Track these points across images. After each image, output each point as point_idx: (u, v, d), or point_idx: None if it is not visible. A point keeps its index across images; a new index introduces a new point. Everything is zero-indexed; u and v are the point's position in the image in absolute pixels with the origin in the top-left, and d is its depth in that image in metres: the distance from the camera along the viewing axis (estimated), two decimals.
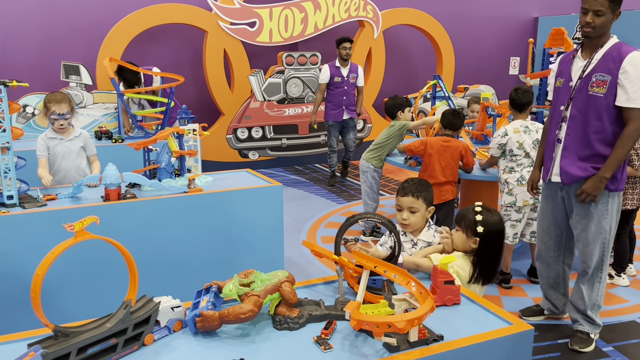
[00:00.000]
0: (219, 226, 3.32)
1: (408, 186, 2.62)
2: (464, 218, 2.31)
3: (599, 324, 3.10)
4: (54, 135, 3.63)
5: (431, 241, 2.60)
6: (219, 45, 7.07)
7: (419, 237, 2.62)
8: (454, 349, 1.65)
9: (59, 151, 3.64)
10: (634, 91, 2.69)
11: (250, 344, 1.70)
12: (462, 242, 2.31)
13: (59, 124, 3.58)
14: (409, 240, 2.63)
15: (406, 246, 2.60)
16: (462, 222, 2.31)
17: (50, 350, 1.45)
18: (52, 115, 3.56)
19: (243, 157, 7.53)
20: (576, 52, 2.94)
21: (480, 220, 2.26)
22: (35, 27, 6.54)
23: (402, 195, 2.59)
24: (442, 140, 4.14)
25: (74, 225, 1.53)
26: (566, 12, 9.40)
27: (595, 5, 2.68)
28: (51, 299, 2.71)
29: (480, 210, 2.29)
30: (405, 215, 2.59)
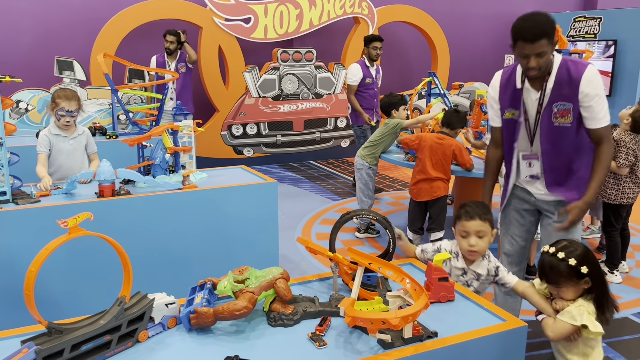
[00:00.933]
0: (213, 223, 3.31)
1: (472, 209, 2.32)
2: (557, 272, 1.99)
3: None
4: (58, 132, 3.58)
5: (484, 274, 2.32)
6: (213, 41, 7.05)
7: (471, 267, 2.33)
8: (448, 345, 1.66)
9: (63, 149, 3.59)
10: (598, 110, 2.51)
11: (244, 340, 1.70)
12: (575, 291, 2.01)
13: (65, 121, 3.53)
14: (459, 267, 2.34)
15: (454, 272, 2.35)
16: (557, 278, 2.00)
17: (43, 347, 1.44)
18: (60, 111, 3.51)
19: (238, 154, 7.52)
20: (515, 76, 2.68)
21: (576, 263, 1.96)
22: (28, 23, 6.50)
23: (469, 219, 2.29)
24: (436, 137, 4.14)
25: (67, 221, 1.52)
26: (560, 10, 9.43)
27: (536, 49, 2.41)
28: (44, 295, 2.70)
29: (565, 255, 1.98)
30: (474, 241, 2.28)
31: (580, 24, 8.49)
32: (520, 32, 2.43)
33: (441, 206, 4.18)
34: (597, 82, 2.52)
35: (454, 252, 2.38)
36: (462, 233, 2.32)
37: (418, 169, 4.17)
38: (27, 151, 3.56)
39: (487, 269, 2.33)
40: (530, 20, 2.42)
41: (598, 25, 8.23)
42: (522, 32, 2.42)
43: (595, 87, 2.50)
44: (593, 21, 8.31)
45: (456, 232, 2.37)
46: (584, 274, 1.95)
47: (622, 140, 3.91)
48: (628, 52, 7.86)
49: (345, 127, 8.04)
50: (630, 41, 7.81)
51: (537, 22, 2.40)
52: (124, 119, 5.45)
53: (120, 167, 3.10)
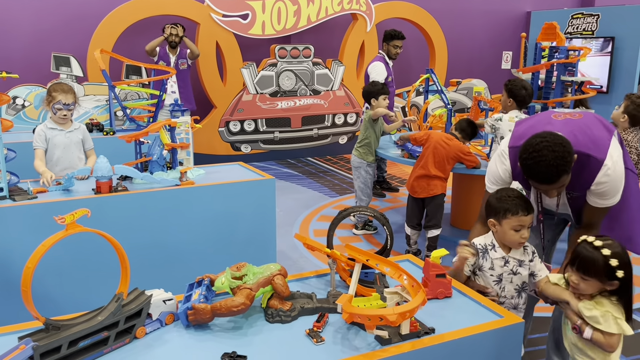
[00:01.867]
0: (211, 219, 3.31)
1: (524, 202, 2.22)
2: (593, 264, 1.92)
3: None
4: (54, 126, 3.58)
5: (523, 259, 2.28)
6: (211, 37, 7.03)
7: (510, 255, 2.28)
8: (445, 341, 1.66)
9: (59, 142, 3.58)
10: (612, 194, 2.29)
11: (242, 337, 1.70)
12: (596, 288, 1.97)
13: (62, 114, 3.53)
14: (499, 257, 2.27)
15: (496, 264, 2.27)
16: (590, 270, 1.93)
17: (41, 343, 1.44)
18: (57, 104, 3.51)
19: (235, 150, 7.51)
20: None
21: (617, 265, 1.89)
22: (25, 18, 6.47)
23: (526, 213, 2.19)
24: (445, 138, 4.15)
25: (64, 217, 1.52)
26: (558, 7, 9.43)
27: (557, 186, 2.17)
28: (42, 291, 2.70)
29: (610, 254, 1.90)
30: (527, 234, 2.24)
31: (578, 20, 8.49)
32: (534, 177, 2.14)
33: (438, 204, 4.19)
34: (614, 177, 2.23)
35: (489, 245, 2.29)
36: (516, 227, 2.20)
37: (420, 164, 4.17)
38: (24, 147, 3.54)
39: (525, 253, 2.29)
40: (542, 164, 2.07)
41: (596, 22, 8.24)
42: (537, 177, 2.13)
43: (611, 180, 2.23)
44: (591, 18, 8.31)
45: (504, 225, 2.23)
46: (617, 277, 1.90)
47: (625, 140, 3.91)
48: (625, 49, 7.86)
49: (343, 124, 8.04)
50: (628, 38, 7.81)
51: (552, 165, 2.06)
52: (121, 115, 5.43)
53: (118, 163, 3.10)
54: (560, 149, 2.06)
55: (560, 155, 2.05)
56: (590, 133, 2.25)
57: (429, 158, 4.12)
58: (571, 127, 2.27)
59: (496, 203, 2.24)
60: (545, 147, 2.06)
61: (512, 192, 2.25)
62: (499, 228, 2.24)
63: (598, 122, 2.35)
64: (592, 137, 2.23)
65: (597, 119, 2.37)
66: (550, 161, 2.04)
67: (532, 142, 2.11)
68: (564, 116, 2.38)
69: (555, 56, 5.21)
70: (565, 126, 2.28)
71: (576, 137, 2.21)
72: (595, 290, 1.98)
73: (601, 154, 2.19)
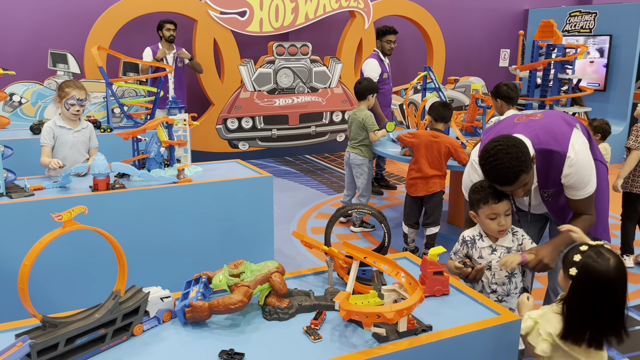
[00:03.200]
0: (208, 217, 3.31)
1: (496, 191, 2.29)
2: (566, 255, 1.86)
3: None
4: (63, 124, 3.59)
5: (511, 246, 2.36)
6: (208, 34, 7.02)
7: (498, 243, 2.36)
8: (442, 339, 1.66)
9: (67, 141, 3.59)
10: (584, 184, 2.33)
11: (239, 334, 1.71)
12: (562, 281, 1.89)
13: (75, 110, 3.54)
14: (486, 246, 2.35)
15: (484, 253, 2.35)
16: (564, 258, 1.88)
17: (38, 340, 1.44)
18: (70, 100, 3.51)
19: (233, 148, 7.50)
20: None
21: (577, 261, 1.78)
22: (22, 15, 6.45)
23: (498, 201, 2.28)
24: (431, 135, 4.14)
25: (62, 215, 1.51)
26: (556, 5, 9.44)
27: (518, 186, 2.20)
28: (39, 289, 2.69)
29: (586, 251, 1.80)
30: (504, 221, 2.30)
31: (576, 18, 8.49)
32: (495, 180, 2.19)
33: (437, 201, 4.19)
34: (579, 167, 2.29)
35: (477, 235, 2.38)
36: (490, 216, 2.30)
37: (415, 167, 4.17)
38: (21, 144, 3.54)
39: (513, 240, 2.37)
40: (499, 167, 2.13)
41: (593, 20, 8.24)
42: (497, 180, 2.18)
43: (578, 169, 2.28)
44: (588, 16, 8.32)
45: (480, 216, 2.33)
46: (570, 274, 1.78)
47: None
48: (623, 47, 7.87)
49: (340, 122, 8.03)
50: (625, 36, 7.82)
51: (507, 167, 2.12)
52: (119, 113, 5.42)
53: (115, 160, 3.09)
54: (514, 150, 2.12)
55: (515, 156, 2.11)
56: (551, 130, 2.34)
57: (422, 159, 4.11)
58: (532, 127, 2.36)
59: (471, 195, 2.37)
60: (500, 150, 2.13)
61: (485, 183, 2.34)
62: (478, 219, 2.37)
63: (559, 118, 2.44)
64: (553, 133, 2.32)
65: (558, 116, 2.46)
66: (506, 163, 2.11)
67: (487, 147, 2.18)
68: (526, 118, 2.47)
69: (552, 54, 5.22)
70: (526, 127, 2.37)
71: (537, 137, 2.31)
72: (563, 284, 1.88)
73: (562, 147, 2.28)
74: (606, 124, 4.61)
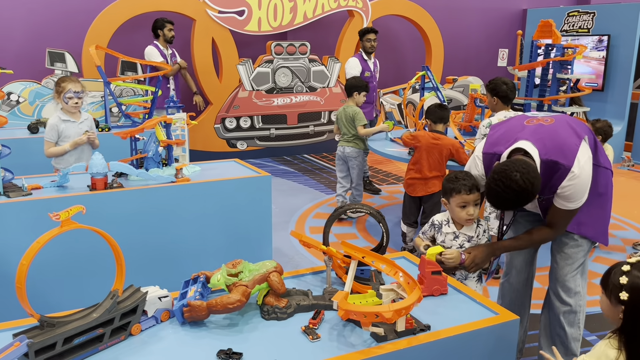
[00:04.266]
0: (206, 216, 3.30)
1: (467, 182, 2.47)
2: (609, 278, 1.66)
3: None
4: (66, 117, 3.73)
5: (473, 235, 2.51)
6: (207, 33, 7.01)
7: (462, 231, 2.52)
8: (440, 338, 1.66)
9: (72, 133, 3.73)
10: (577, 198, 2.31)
11: (238, 333, 1.70)
12: (607, 310, 1.69)
13: (74, 102, 3.68)
14: (450, 232, 2.53)
15: (447, 238, 2.52)
16: (606, 284, 1.68)
17: (36, 340, 1.44)
18: (68, 93, 3.65)
19: (231, 147, 7.49)
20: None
21: (625, 283, 1.59)
22: (20, 14, 6.44)
23: (468, 192, 2.45)
24: (432, 137, 4.13)
25: (59, 214, 1.51)
26: (554, 5, 9.44)
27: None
28: (37, 288, 2.69)
29: (628, 270, 1.61)
30: (472, 211, 2.47)
31: (574, 18, 8.50)
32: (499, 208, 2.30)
33: (436, 201, 4.19)
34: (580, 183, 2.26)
35: (444, 220, 2.57)
36: (461, 204, 2.47)
37: (415, 168, 4.16)
38: (19, 143, 3.54)
39: (477, 231, 2.54)
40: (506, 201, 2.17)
41: (592, 19, 8.25)
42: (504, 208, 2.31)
43: (581, 181, 2.26)
44: (587, 16, 8.32)
45: (452, 203, 2.50)
46: (621, 299, 1.59)
47: None
48: (621, 47, 7.87)
49: None
50: (623, 36, 7.83)
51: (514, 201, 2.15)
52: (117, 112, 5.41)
53: (113, 159, 3.08)
54: (522, 193, 2.10)
55: (522, 197, 2.11)
56: (559, 140, 2.29)
57: (424, 162, 4.11)
58: (541, 134, 2.31)
59: (446, 184, 2.52)
60: (511, 188, 2.09)
61: (461, 174, 2.51)
62: (449, 206, 2.53)
63: (568, 127, 2.36)
64: (561, 144, 2.27)
65: (568, 124, 2.39)
66: (512, 198, 2.12)
67: (492, 181, 2.15)
68: (536, 121, 2.40)
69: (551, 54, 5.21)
70: (535, 133, 2.33)
71: (545, 146, 2.27)
72: (609, 314, 1.69)
73: (568, 161, 2.23)
74: (609, 126, 4.56)
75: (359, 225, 5.13)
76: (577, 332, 2.64)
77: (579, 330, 2.64)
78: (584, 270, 2.62)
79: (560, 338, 2.66)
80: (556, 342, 2.68)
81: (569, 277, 2.58)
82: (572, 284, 2.59)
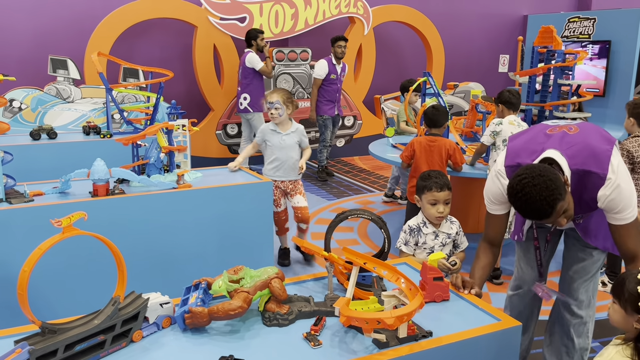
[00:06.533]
0: (208, 222, 3.30)
1: (439, 180, 2.67)
2: (623, 287, 1.66)
3: None
4: (274, 128, 4.01)
5: (451, 233, 2.72)
6: (208, 40, 7.03)
7: (440, 229, 2.73)
8: (442, 344, 1.66)
9: (275, 143, 4.02)
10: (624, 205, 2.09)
11: (239, 340, 1.70)
12: (621, 319, 1.69)
13: (270, 113, 3.92)
14: (430, 232, 2.69)
15: (428, 239, 2.66)
16: (619, 292, 1.68)
17: (37, 347, 1.44)
18: (267, 104, 3.96)
19: (232, 153, 7.50)
20: None
21: None
22: (22, 21, 6.47)
23: (439, 190, 2.64)
24: (429, 140, 4.13)
25: (61, 221, 1.51)
26: (555, 11, 9.47)
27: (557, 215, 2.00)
28: (38, 295, 2.69)
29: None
30: (442, 209, 2.66)
31: (575, 24, 8.52)
32: (530, 216, 1.99)
33: None
34: (619, 189, 2.05)
35: (421, 223, 2.70)
36: (431, 201, 2.64)
37: (417, 175, 4.15)
38: (21, 150, 3.54)
39: (451, 227, 2.73)
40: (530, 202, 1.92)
41: (592, 25, 8.27)
42: (532, 215, 1.98)
43: (618, 193, 2.05)
44: (587, 22, 8.34)
45: (423, 200, 2.65)
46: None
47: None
48: (622, 53, 7.89)
49: (340, 127, 8.04)
50: (624, 42, 7.84)
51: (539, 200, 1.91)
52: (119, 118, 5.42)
53: (115, 166, 3.09)
54: (541, 181, 1.90)
55: (544, 186, 1.89)
56: (590, 148, 2.10)
57: (423, 166, 4.10)
58: (569, 144, 2.12)
59: (419, 182, 2.67)
60: (527, 184, 1.91)
61: (434, 173, 2.70)
62: (421, 203, 2.67)
63: (596, 133, 2.18)
64: (592, 151, 2.08)
65: (596, 131, 2.21)
66: (536, 196, 1.89)
67: (512, 183, 1.98)
68: (559, 129, 2.22)
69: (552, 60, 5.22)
70: (562, 142, 2.14)
71: (574, 155, 2.08)
72: (622, 323, 1.69)
73: (602, 168, 2.04)
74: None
75: (360, 231, 5.12)
76: (585, 342, 2.56)
77: (588, 339, 2.57)
78: (596, 279, 2.53)
79: (567, 349, 2.58)
80: (562, 353, 2.61)
81: (582, 290, 2.48)
82: (584, 296, 2.49)
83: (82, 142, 4.57)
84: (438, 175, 2.70)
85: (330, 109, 6.86)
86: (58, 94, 6.19)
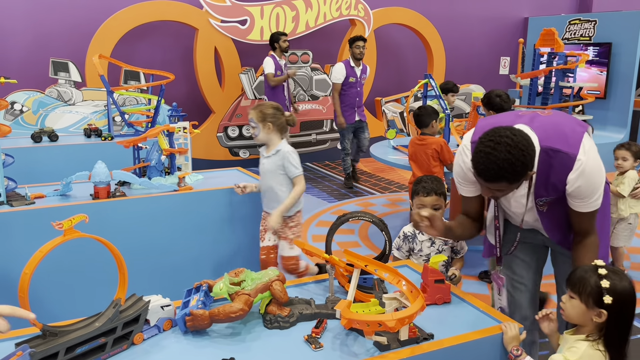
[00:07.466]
0: (209, 225, 3.30)
1: (428, 185, 2.57)
2: (583, 283, 1.68)
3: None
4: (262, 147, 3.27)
5: (446, 239, 2.57)
6: (209, 43, 7.04)
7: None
8: (444, 347, 1.66)
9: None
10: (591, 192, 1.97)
11: (240, 343, 1.70)
12: (580, 314, 1.70)
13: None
14: (426, 239, 2.57)
15: (424, 246, 2.56)
16: (579, 287, 1.69)
17: (38, 349, 1.44)
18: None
19: (234, 156, 7.50)
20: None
21: (608, 287, 1.63)
22: (23, 24, 6.48)
23: (426, 195, 2.54)
24: (417, 140, 4.15)
25: (62, 223, 1.51)
26: (556, 13, 9.47)
27: (492, 187, 1.90)
28: (39, 297, 2.69)
29: (606, 274, 1.66)
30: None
31: (576, 26, 8.52)
32: (475, 166, 1.87)
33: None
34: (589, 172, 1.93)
35: (415, 230, 2.60)
36: (419, 206, 2.56)
37: (412, 178, 4.19)
38: (22, 153, 3.55)
39: None
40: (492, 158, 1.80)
41: (593, 28, 8.27)
42: (477, 168, 1.86)
43: (588, 178, 1.94)
44: (588, 24, 8.34)
45: (414, 205, 2.61)
46: (605, 304, 1.62)
47: None
48: (622, 55, 7.89)
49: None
50: (625, 44, 7.84)
51: (498, 165, 1.79)
52: (120, 121, 5.43)
53: (116, 168, 3.09)
54: (513, 140, 1.78)
55: (514, 145, 1.78)
56: (560, 127, 2.00)
57: (413, 166, 4.12)
58: (540, 122, 2.02)
59: (413, 186, 2.63)
60: (495, 139, 1.79)
61: (425, 178, 2.63)
62: (414, 208, 2.62)
63: (569, 118, 2.11)
64: (563, 131, 1.97)
65: (568, 116, 2.15)
66: (504, 157, 1.77)
67: (481, 137, 1.87)
68: (531, 112, 2.14)
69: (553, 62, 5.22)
70: (533, 121, 2.03)
71: (546, 132, 1.97)
72: (580, 318, 1.71)
73: (573, 148, 1.92)
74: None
75: (361, 233, 5.12)
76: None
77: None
78: None
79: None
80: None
81: None
82: None
83: (83, 145, 4.58)
84: (428, 180, 2.61)
85: (350, 116, 6.42)
86: (59, 97, 6.20)
